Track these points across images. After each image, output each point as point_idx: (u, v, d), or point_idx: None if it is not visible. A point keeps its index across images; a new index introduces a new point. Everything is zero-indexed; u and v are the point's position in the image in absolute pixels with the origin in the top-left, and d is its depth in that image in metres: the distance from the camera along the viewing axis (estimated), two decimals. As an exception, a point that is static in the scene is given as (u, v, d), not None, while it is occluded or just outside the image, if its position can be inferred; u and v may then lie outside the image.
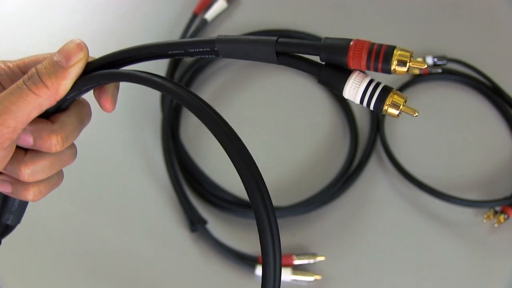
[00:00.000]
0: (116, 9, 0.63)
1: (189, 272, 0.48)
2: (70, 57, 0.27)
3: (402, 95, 0.22)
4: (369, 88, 0.22)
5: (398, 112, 0.22)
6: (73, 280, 0.48)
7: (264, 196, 0.24)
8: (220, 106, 0.56)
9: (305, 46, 0.24)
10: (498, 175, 0.53)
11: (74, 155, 0.32)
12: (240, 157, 0.24)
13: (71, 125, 0.29)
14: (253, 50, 0.25)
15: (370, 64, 0.22)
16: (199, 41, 0.26)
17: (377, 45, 0.22)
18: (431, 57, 0.58)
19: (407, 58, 0.22)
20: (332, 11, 0.63)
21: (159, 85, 0.26)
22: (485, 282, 0.48)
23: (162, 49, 0.27)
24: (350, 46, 0.23)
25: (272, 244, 0.24)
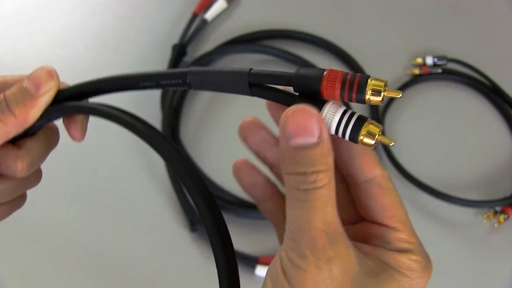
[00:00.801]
0: (116, 9, 0.63)
1: (189, 272, 0.48)
2: (40, 86, 0.27)
3: (377, 124, 0.22)
4: (343, 119, 0.22)
5: (374, 141, 0.22)
6: (73, 280, 0.48)
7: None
8: (220, 106, 0.56)
9: (278, 77, 0.23)
10: (498, 175, 0.53)
11: (39, 178, 0.32)
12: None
13: (37, 151, 0.29)
14: (225, 82, 0.24)
15: (344, 94, 0.22)
16: (171, 74, 0.25)
17: (351, 75, 0.22)
18: (431, 57, 0.58)
19: (381, 87, 0.21)
20: (332, 11, 0.63)
21: (128, 123, 0.26)
22: (485, 282, 0.48)
23: (134, 81, 0.27)
24: (324, 76, 0.22)
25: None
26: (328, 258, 0.21)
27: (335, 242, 0.21)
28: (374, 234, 0.24)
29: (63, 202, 0.51)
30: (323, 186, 0.21)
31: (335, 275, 0.21)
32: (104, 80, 0.27)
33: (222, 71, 0.24)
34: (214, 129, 0.55)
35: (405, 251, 0.23)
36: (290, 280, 0.21)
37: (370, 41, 0.61)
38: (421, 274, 0.23)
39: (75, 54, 0.58)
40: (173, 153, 0.26)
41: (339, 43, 0.59)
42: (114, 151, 0.54)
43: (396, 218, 0.24)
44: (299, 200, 0.21)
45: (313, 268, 0.21)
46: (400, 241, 0.24)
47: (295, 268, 0.21)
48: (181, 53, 0.58)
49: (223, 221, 0.24)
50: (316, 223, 0.21)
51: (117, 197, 0.52)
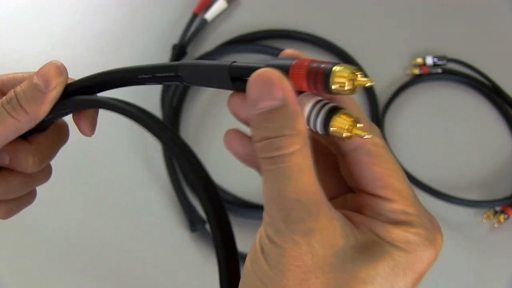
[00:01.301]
0: (117, 9, 0.63)
1: (189, 272, 0.48)
2: (50, 82, 0.27)
3: (351, 113, 0.20)
4: (313, 110, 0.20)
5: (345, 135, 0.20)
6: (73, 280, 0.48)
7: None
8: (220, 106, 0.56)
9: (254, 69, 0.22)
10: (498, 175, 0.53)
11: (49, 175, 0.32)
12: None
13: (48, 147, 0.29)
14: (210, 75, 0.24)
15: (310, 85, 0.20)
16: (164, 66, 0.26)
17: (317, 64, 0.19)
18: (431, 57, 0.58)
19: (348, 74, 0.19)
20: (332, 11, 0.63)
21: (137, 117, 0.26)
22: (485, 282, 0.48)
23: (132, 73, 0.27)
24: (291, 66, 0.20)
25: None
26: (305, 231, 0.19)
27: (314, 213, 0.19)
28: (366, 203, 0.22)
29: (63, 202, 0.51)
30: (294, 152, 0.19)
31: (315, 249, 0.19)
32: (107, 73, 0.28)
33: (206, 64, 0.24)
34: (214, 129, 0.55)
35: (401, 223, 0.21)
36: (267, 258, 0.20)
37: (370, 41, 0.61)
38: (422, 247, 0.21)
39: (75, 55, 0.58)
40: (182, 147, 0.26)
41: (339, 43, 0.59)
42: (114, 151, 0.54)
43: (391, 188, 0.21)
44: (269, 170, 0.20)
45: (289, 243, 0.19)
46: (394, 212, 0.21)
47: (272, 245, 0.19)
48: (181, 53, 0.58)
49: (228, 223, 0.24)
50: (287, 193, 0.19)
51: (117, 197, 0.52)
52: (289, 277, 0.19)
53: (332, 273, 0.19)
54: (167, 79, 0.26)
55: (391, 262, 0.20)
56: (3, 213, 0.30)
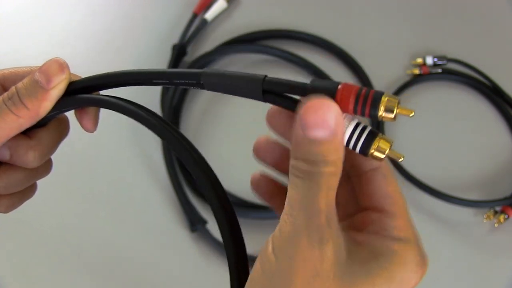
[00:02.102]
0: (117, 9, 0.63)
1: (189, 272, 0.48)
2: (52, 79, 0.27)
3: (388, 139, 0.23)
4: (355, 132, 0.23)
5: (384, 156, 0.23)
6: (73, 280, 0.48)
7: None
8: (220, 106, 0.56)
9: (292, 86, 0.24)
10: (498, 175, 0.53)
11: (49, 169, 0.32)
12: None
13: (48, 141, 0.29)
14: (239, 86, 0.25)
15: (357, 109, 0.22)
16: (185, 73, 0.26)
17: (365, 90, 0.22)
18: (431, 57, 0.58)
19: (395, 104, 0.22)
20: (332, 11, 0.63)
21: (142, 117, 0.26)
22: (485, 282, 0.48)
23: (147, 77, 0.27)
24: (338, 90, 0.22)
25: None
26: (321, 238, 0.21)
27: (331, 225, 0.21)
28: (372, 220, 0.24)
29: (63, 202, 0.51)
30: (330, 173, 0.21)
31: (326, 256, 0.21)
32: (116, 75, 0.28)
33: (237, 75, 0.25)
34: (214, 129, 0.55)
35: (401, 240, 0.23)
36: (278, 254, 0.21)
37: (370, 41, 0.61)
38: (415, 268, 0.23)
39: (75, 54, 0.58)
40: (184, 147, 0.26)
41: (339, 43, 0.59)
42: (114, 151, 0.54)
43: (397, 205, 0.24)
44: (305, 179, 0.21)
45: (305, 244, 0.21)
46: (397, 229, 0.23)
47: (286, 243, 0.21)
48: (181, 53, 0.58)
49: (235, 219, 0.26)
50: (319, 202, 0.21)
51: (117, 197, 0.52)
52: (298, 278, 0.21)
53: (336, 280, 0.21)
54: (185, 85, 0.26)
55: (388, 278, 0.22)
56: (4, 207, 0.30)
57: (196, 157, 0.26)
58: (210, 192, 0.25)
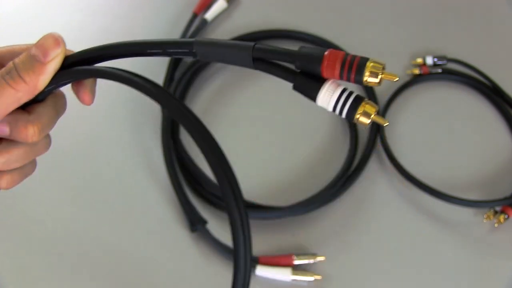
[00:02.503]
0: (117, 9, 0.63)
1: (189, 272, 0.48)
2: (48, 52, 0.28)
3: (373, 104, 0.23)
4: (341, 97, 0.23)
5: (369, 121, 0.23)
6: (73, 280, 0.48)
7: (237, 196, 0.25)
8: (220, 106, 0.56)
9: (281, 53, 0.25)
10: (498, 175, 0.53)
11: (48, 145, 0.32)
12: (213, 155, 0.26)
13: (47, 116, 0.30)
14: (230, 54, 0.25)
15: (343, 74, 0.23)
16: (177, 42, 0.27)
17: (351, 56, 0.23)
18: (431, 57, 0.58)
19: (379, 70, 0.22)
20: (332, 11, 0.63)
21: (138, 84, 0.27)
22: (485, 282, 0.48)
23: (141, 47, 0.28)
24: (324, 56, 0.23)
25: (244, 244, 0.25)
26: None
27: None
28: None
29: (63, 202, 0.51)
30: None
31: None
32: (111, 46, 0.28)
33: (228, 43, 0.25)
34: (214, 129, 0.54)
35: None
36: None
37: (370, 41, 0.61)
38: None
39: (75, 54, 0.58)
40: (182, 111, 0.26)
41: (339, 43, 0.59)
42: (114, 151, 0.54)
43: None
44: None
45: None
46: None
47: None
48: (181, 53, 0.58)
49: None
50: None
51: (117, 197, 0.52)
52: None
53: None
54: (178, 54, 0.27)
55: None
56: (5, 183, 0.31)
57: (196, 123, 0.26)
58: (210, 157, 0.25)
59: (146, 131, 0.55)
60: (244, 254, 0.25)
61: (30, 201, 0.51)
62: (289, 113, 0.57)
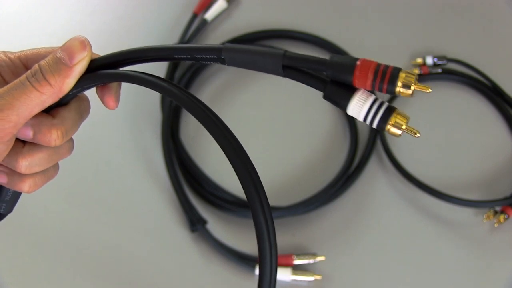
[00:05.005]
0: (116, 9, 0.63)
1: (189, 272, 0.48)
2: (74, 56, 0.28)
3: (404, 115, 0.24)
4: (373, 107, 0.23)
5: (401, 132, 0.24)
6: (72, 280, 0.48)
7: (262, 200, 0.24)
8: (220, 106, 0.56)
9: (312, 61, 0.25)
10: (498, 175, 0.53)
11: (71, 149, 0.32)
12: (239, 160, 0.24)
13: (71, 120, 0.30)
14: (260, 61, 0.25)
15: (375, 84, 0.23)
16: (206, 48, 0.26)
17: (383, 66, 0.23)
18: (431, 57, 0.58)
19: (412, 80, 0.22)
20: (332, 11, 0.63)
21: (165, 89, 0.26)
22: (485, 282, 0.48)
23: (169, 52, 0.28)
24: (357, 65, 0.23)
25: (269, 246, 0.24)
26: None
27: None
28: None
29: (63, 202, 0.51)
30: None
31: None
32: (138, 51, 0.28)
33: (257, 51, 0.25)
34: (214, 129, 0.55)
35: None
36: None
37: (370, 41, 0.61)
38: None
39: (75, 54, 0.58)
40: (209, 117, 0.26)
41: (339, 43, 0.59)
42: (114, 151, 0.54)
43: None
44: None
45: None
46: None
47: None
48: (181, 53, 0.58)
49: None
50: None
51: (117, 197, 0.52)
52: None
53: None
54: (206, 60, 0.27)
55: None
56: (27, 187, 0.31)
57: (222, 127, 0.26)
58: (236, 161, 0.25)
59: (146, 131, 0.55)
60: (270, 260, 0.25)
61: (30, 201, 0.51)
62: (289, 113, 0.57)
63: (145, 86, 0.27)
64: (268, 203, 0.25)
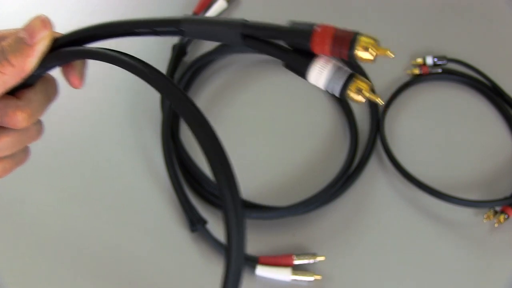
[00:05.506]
0: (116, 9, 0.63)
1: (189, 272, 0.48)
2: (35, 34, 0.28)
3: (365, 80, 0.22)
4: (333, 73, 0.22)
5: (362, 98, 0.22)
6: (72, 280, 0.47)
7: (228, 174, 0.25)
8: (220, 106, 0.56)
9: (270, 29, 0.23)
10: (498, 175, 0.53)
11: (40, 132, 0.32)
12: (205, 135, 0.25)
13: (37, 102, 0.29)
14: (219, 32, 0.25)
15: (334, 49, 0.22)
16: (165, 20, 0.26)
17: (342, 31, 0.22)
18: (431, 57, 0.58)
19: (372, 43, 0.22)
20: (332, 11, 0.63)
21: (128, 64, 0.26)
22: (485, 282, 0.48)
23: (129, 26, 0.27)
24: (315, 31, 0.22)
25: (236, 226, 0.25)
26: None
27: None
28: None
29: (63, 202, 0.51)
30: None
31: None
32: (99, 26, 0.28)
33: (216, 21, 0.25)
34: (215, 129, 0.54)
35: None
36: None
37: (370, 41, 0.61)
38: None
39: (75, 54, 0.58)
40: (174, 91, 0.26)
41: (339, 43, 0.59)
42: (114, 150, 0.54)
43: None
44: None
45: None
46: None
47: None
48: (181, 53, 0.58)
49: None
50: None
51: (117, 197, 0.52)
52: None
53: None
54: (166, 33, 0.26)
55: None
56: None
57: (193, 108, 0.25)
58: (206, 145, 0.25)
59: (146, 131, 0.55)
60: (236, 257, 0.25)
61: (30, 201, 0.51)
62: (289, 113, 0.57)
63: (108, 62, 0.26)
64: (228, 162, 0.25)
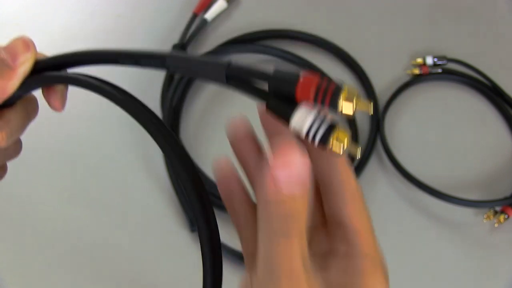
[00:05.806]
0: (116, 9, 0.63)
1: (189, 272, 0.48)
2: (17, 57, 0.27)
3: (345, 132, 0.22)
4: (314, 124, 0.22)
5: (342, 150, 0.22)
6: (72, 280, 0.48)
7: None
8: (220, 106, 0.56)
9: (255, 74, 0.24)
10: (498, 175, 0.53)
11: (18, 150, 0.31)
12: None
13: (16, 121, 0.29)
14: (203, 70, 0.25)
15: (317, 101, 0.22)
16: (151, 55, 0.26)
17: (326, 83, 0.22)
18: (431, 57, 0.58)
19: (353, 98, 0.21)
20: (332, 11, 0.63)
21: (107, 92, 0.26)
22: (485, 282, 0.48)
23: (114, 56, 0.27)
24: (299, 82, 0.22)
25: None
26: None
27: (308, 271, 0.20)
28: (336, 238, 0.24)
29: (62, 202, 0.51)
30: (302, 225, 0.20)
31: None
32: (83, 53, 0.27)
33: (201, 60, 0.25)
34: (214, 129, 0.55)
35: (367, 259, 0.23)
36: None
37: (370, 41, 0.61)
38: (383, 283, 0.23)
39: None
40: (153, 122, 0.26)
41: (339, 43, 0.59)
42: (113, 151, 0.54)
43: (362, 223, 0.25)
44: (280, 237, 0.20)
45: None
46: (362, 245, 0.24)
47: None
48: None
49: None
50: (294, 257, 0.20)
51: (117, 197, 0.52)
52: None
53: None
54: (151, 66, 0.26)
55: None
56: None
57: (165, 132, 0.26)
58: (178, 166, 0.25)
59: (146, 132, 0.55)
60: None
61: (29, 201, 0.51)
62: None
63: (88, 90, 0.26)
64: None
